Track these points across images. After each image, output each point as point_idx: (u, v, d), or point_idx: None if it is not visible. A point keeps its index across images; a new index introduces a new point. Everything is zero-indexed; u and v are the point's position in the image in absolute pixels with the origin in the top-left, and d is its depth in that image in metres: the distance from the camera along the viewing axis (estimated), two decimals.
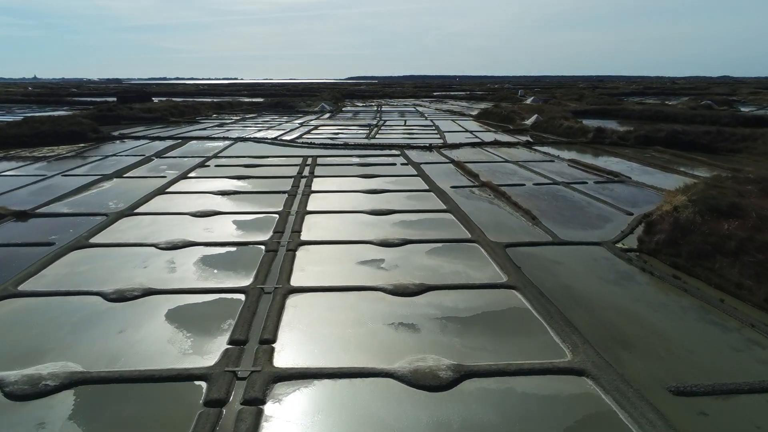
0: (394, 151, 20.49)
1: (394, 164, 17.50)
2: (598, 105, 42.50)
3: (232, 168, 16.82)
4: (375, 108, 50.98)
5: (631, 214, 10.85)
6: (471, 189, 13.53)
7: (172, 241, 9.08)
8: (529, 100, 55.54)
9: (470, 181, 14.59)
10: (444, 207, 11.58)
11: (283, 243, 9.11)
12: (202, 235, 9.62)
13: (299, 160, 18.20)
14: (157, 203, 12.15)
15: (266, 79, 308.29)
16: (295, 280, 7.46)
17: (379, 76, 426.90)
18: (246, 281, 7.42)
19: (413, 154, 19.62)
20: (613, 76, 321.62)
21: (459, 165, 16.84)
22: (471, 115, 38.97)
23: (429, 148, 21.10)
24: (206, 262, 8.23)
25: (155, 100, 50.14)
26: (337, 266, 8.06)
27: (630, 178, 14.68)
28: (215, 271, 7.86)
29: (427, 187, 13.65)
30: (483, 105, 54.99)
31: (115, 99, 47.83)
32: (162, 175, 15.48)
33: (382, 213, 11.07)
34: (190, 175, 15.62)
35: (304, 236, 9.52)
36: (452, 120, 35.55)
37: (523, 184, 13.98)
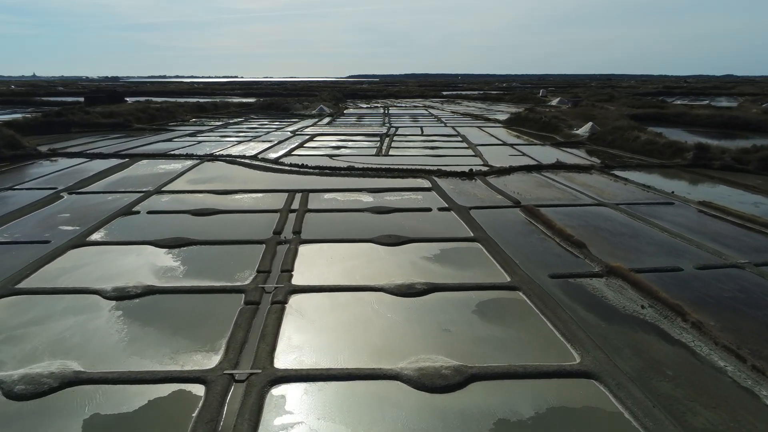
0: (420, 181, 14.22)
1: (429, 209, 11.23)
2: (644, 108, 36.18)
3: (172, 218, 10.55)
4: (381, 110, 44.66)
5: None
6: (589, 281, 7.25)
7: None
8: (554, 102, 49.25)
9: (573, 254, 8.31)
10: (575, 359, 5.25)
11: None
12: None
13: (281, 200, 11.95)
14: None
15: (266, 78, 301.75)
16: None
17: (380, 74, 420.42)
18: None
19: (450, 187, 13.35)
20: (616, 74, 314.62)
21: (533, 213, 10.56)
22: (498, 121, 32.63)
23: (470, 175, 14.80)
24: None
25: (129, 100, 43.90)
26: None
27: None
28: None
29: (506, 279, 7.35)
30: (502, 107, 48.89)
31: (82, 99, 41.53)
32: (45, 238, 9.17)
33: (446, 386, 4.80)
34: (93, 237, 9.33)
35: None
36: (478, 127, 29.24)
37: (679, 269, 7.67)
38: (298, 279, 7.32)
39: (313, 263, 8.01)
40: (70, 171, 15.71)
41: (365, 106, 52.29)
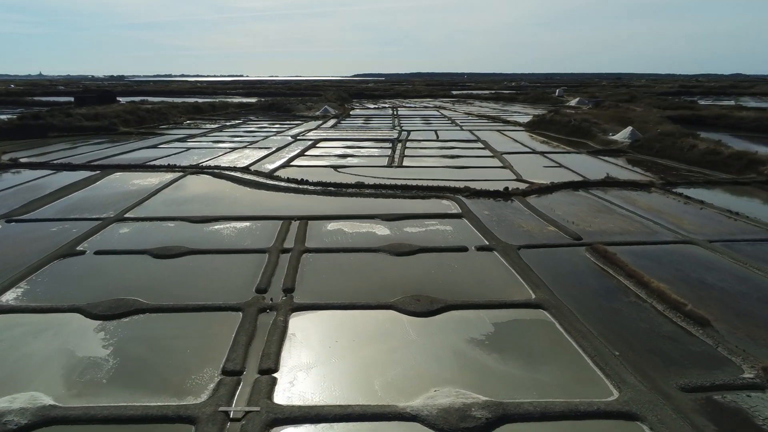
0: (446, 203, 11.56)
1: (464, 249, 8.54)
2: (675, 109, 33.29)
3: (124, 263, 7.92)
4: (390, 111, 41.99)
5: None
6: (747, 399, 4.57)
7: None
8: (573, 102, 46.41)
9: (694, 335, 5.63)
10: None
11: None
12: None
13: (273, 232, 9.33)
14: None
15: (272, 77, 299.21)
16: None
17: (385, 73, 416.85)
18: None
19: (485, 212, 10.68)
20: (625, 73, 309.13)
21: (608, 258, 7.85)
22: (518, 124, 29.87)
23: (506, 195, 12.12)
24: None
25: (125, 100, 41.46)
26: None
27: None
28: None
29: (611, 393, 4.65)
30: (517, 107, 46.23)
31: (72, 100, 39.08)
32: None
33: None
34: (5, 297, 6.72)
35: None
36: (498, 131, 26.50)
37: None
38: (283, 390, 4.67)
39: (308, 352, 5.36)
40: (24, 187, 13.16)
41: (372, 106, 49.64)
